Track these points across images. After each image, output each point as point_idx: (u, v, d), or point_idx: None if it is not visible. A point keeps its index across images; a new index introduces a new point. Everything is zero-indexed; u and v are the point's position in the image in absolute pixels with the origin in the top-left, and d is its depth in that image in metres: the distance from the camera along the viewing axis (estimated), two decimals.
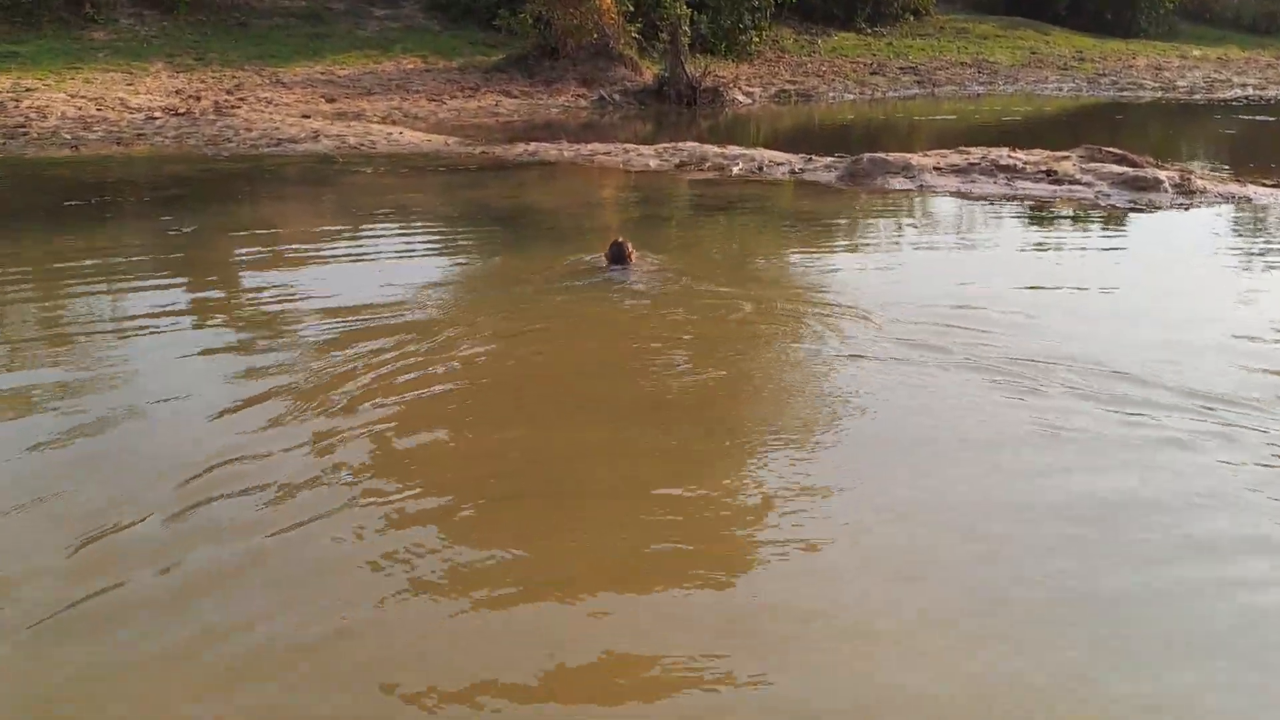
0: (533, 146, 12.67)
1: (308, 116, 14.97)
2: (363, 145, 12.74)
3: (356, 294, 5.79)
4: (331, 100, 16.58)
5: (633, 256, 6.39)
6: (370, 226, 8.03)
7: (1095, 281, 6.13)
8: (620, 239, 6.45)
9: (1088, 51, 27.30)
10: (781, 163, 11.29)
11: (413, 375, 4.49)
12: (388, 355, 4.71)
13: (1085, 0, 29.74)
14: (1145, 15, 30.37)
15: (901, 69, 23.69)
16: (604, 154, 12.14)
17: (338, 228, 7.96)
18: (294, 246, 7.25)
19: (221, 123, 13.97)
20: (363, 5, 22.57)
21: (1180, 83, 23.88)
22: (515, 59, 19.94)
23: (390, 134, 13.52)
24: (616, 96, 18.91)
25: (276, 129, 13.45)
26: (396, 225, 8.09)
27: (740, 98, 19.82)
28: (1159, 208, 8.71)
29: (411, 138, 13.42)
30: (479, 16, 22.15)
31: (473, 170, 11.17)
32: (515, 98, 18.33)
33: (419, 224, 8.25)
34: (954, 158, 10.58)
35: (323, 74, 18.31)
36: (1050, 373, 4.46)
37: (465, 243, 7.49)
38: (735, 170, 11.09)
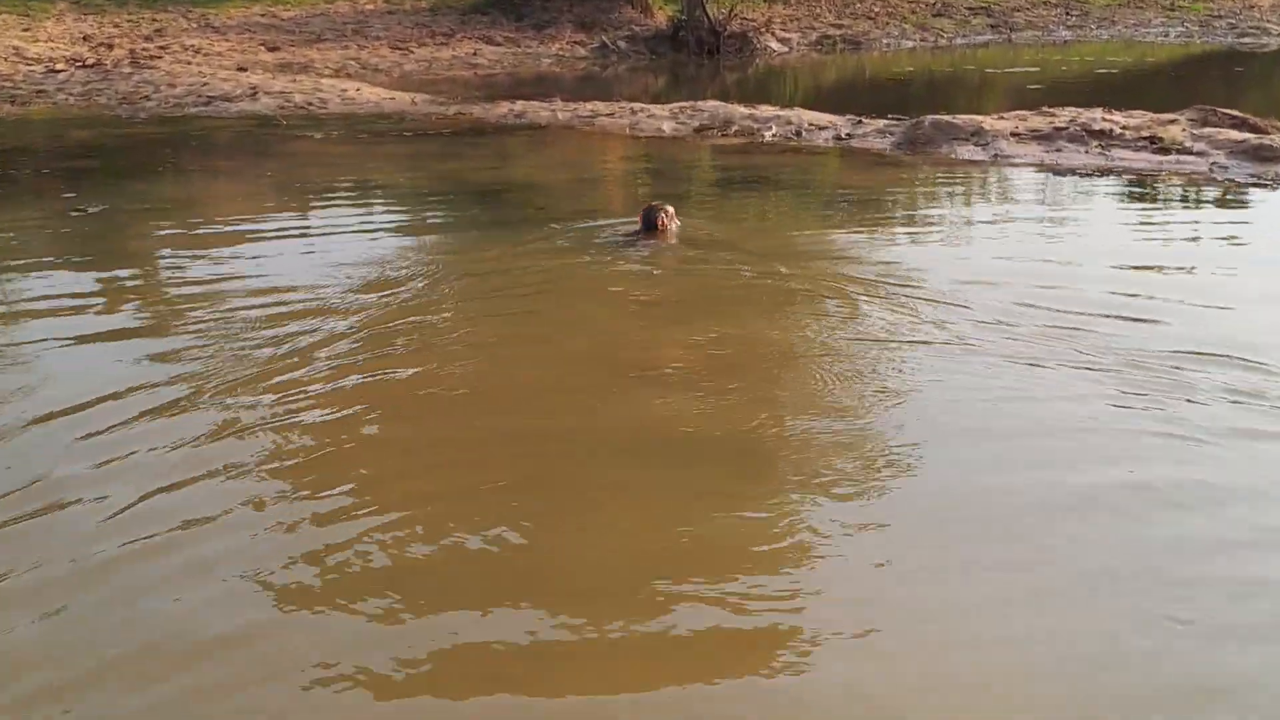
0: (519, 106, 12.67)
1: (244, 69, 15.01)
2: (311, 104, 12.75)
3: (297, 289, 5.75)
4: (274, 49, 16.62)
5: (667, 228, 6.76)
6: (319, 207, 8.01)
7: (1214, 273, 6.07)
8: (656, 203, 6.88)
9: None
10: (825, 126, 11.26)
11: (362, 390, 4.45)
12: (333, 362, 4.66)
13: None
14: None
15: (971, 9, 23.63)
16: (606, 115, 12.13)
17: (278, 208, 7.95)
18: (223, 231, 7.23)
19: (139, 77, 14.01)
20: None
21: None
22: None
23: (345, 90, 13.53)
24: (622, 44, 18.92)
25: (206, 84, 13.48)
26: (351, 206, 8.08)
27: (774, 45, 19.82)
28: None
29: (371, 95, 13.43)
30: None
31: (445, 135, 11.17)
32: (499, 45, 18.37)
33: (379, 204, 8.23)
34: (1036, 121, 10.52)
35: (263, 16, 18.39)
36: (1196, 381, 4.39)
37: (435, 227, 7.46)
38: (768, 135, 11.06)
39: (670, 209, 6.90)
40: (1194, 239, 7.12)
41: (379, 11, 19.33)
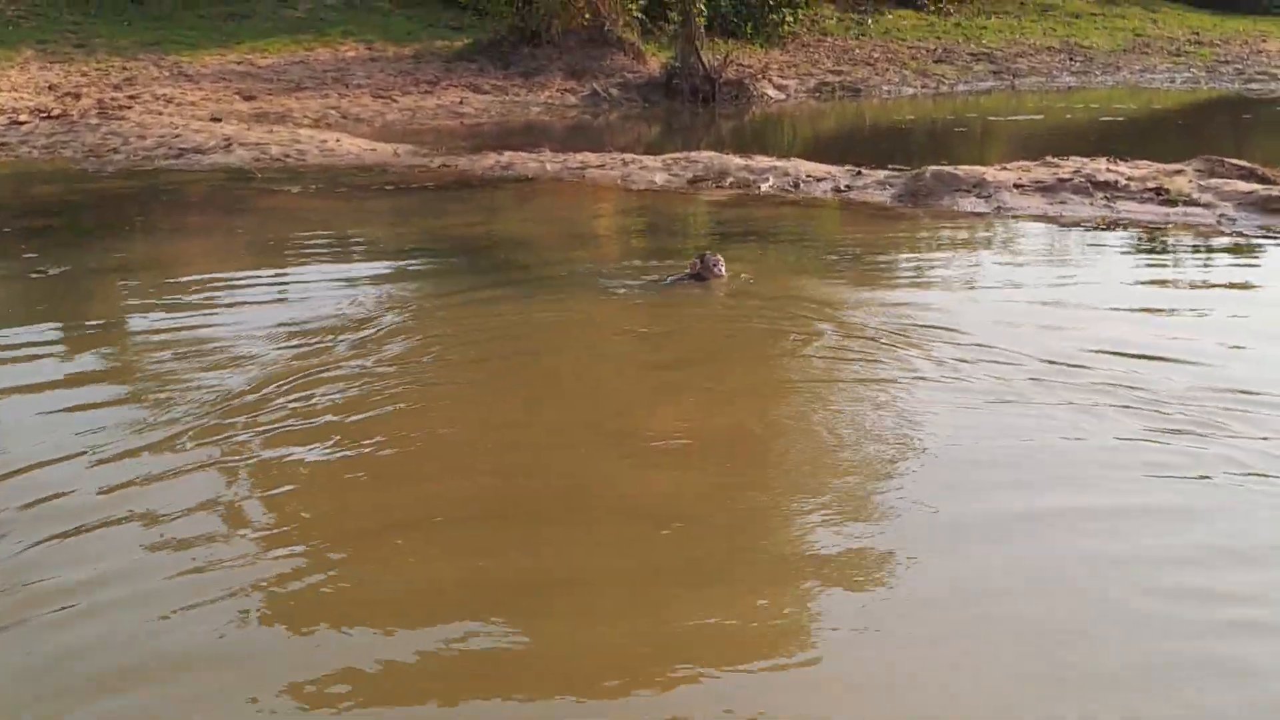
0: (506, 157, 12.71)
1: (218, 119, 15.07)
2: (288, 156, 12.78)
3: (270, 352, 5.71)
4: (250, 98, 16.71)
5: (719, 274, 7.27)
6: (294, 266, 7.99)
7: (1221, 326, 6.05)
8: (708, 251, 7.49)
9: (1205, 33, 27.55)
10: (823, 178, 11.30)
11: (334, 458, 4.39)
12: (306, 425, 4.61)
13: None
14: None
15: (973, 55, 23.89)
16: (597, 167, 12.16)
17: (251, 268, 7.90)
18: (191, 294, 7.17)
19: (107, 128, 14.05)
20: None
21: None
22: (486, 45, 20.15)
23: (324, 141, 13.58)
24: (614, 92, 19.06)
25: (177, 136, 13.52)
26: (328, 265, 8.04)
27: (771, 92, 19.98)
28: None
29: (351, 146, 13.48)
30: None
31: (429, 189, 11.19)
32: (486, 93, 18.49)
33: (358, 263, 8.20)
34: (1039, 172, 10.57)
35: (239, 64, 18.49)
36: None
37: (417, 286, 7.41)
38: (764, 187, 11.09)
39: (720, 257, 7.40)
40: (1202, 293, 7.11)
41: (361, 59, 19.46)
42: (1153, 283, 7.40)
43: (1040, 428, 4.77)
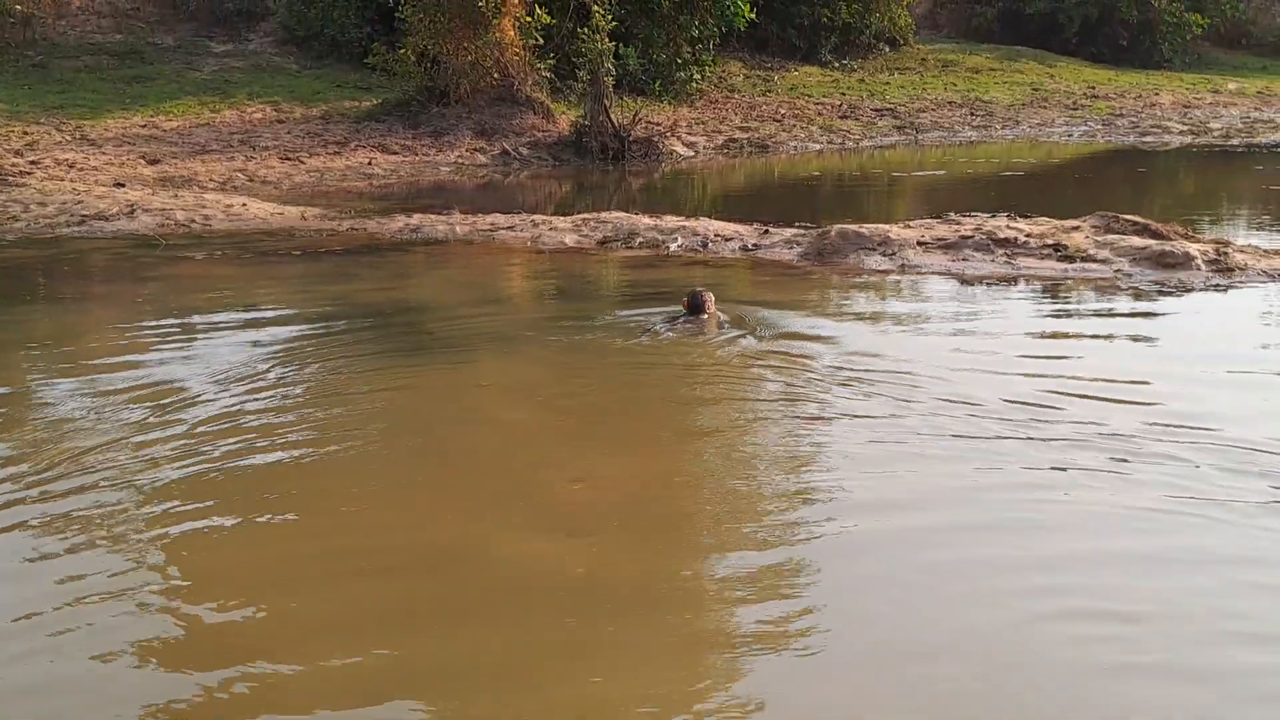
0: (416, 219, 12.75)
1: (122, 184, 14.92)
2: (194, 222, 12.70)
3: (172, 424, 5.70)
4: (154, 162, 16.57)
5: (712, 312, 7.93)
6: (201, 335, 7.93)
7: (1115, 372, 6.30)
8: (701, 289, 8.09)
9: (1101, 86, 28.57)
10: (731, 237, 11.51)
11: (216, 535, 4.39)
12: (200, 503, 4.62)
13: (1097, 25, 31.23)
14: (1169, 42, 31.99)
15: (877, 111, 24.50)
16: (507, 229, 12.26)
17: (157, 338, 7.84)
18: (97, 366, 7.11)
19: (5, 195, 13.84)
20: (198, 39, 22.82)
21: (1214, 124, 25.03)
22: (395, 105, 20.21)
23: (230, 206, 13.51)
24: (524, 151, 19.22)
25: (80, 202, 13.36)
26: (233, 332, 7.99)
27: (680, 149, 20.28)
28: (1190, 289, 9.02)
29: (258, 210, 13.43)
30: (348, 52, 22.51)
31: (338, 253, 11.18)
32: (395, 153, 18.53)
33: (264, 331, 8.15)
34: (942, 230, 10.88)
35: (144, 127, 18.34)
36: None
37: (324, 355, 7.41)
38: (673, 247, 11.27)
39: (711, 295, 8.06)
40: (1100, 343, 7.40)
41: (268, 121, 19.40)
42: (1049, 335, 7.68)
43: (948, 470, 5.00)
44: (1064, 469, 5.14)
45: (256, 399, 6.31)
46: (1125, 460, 5.20)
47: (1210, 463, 5.14)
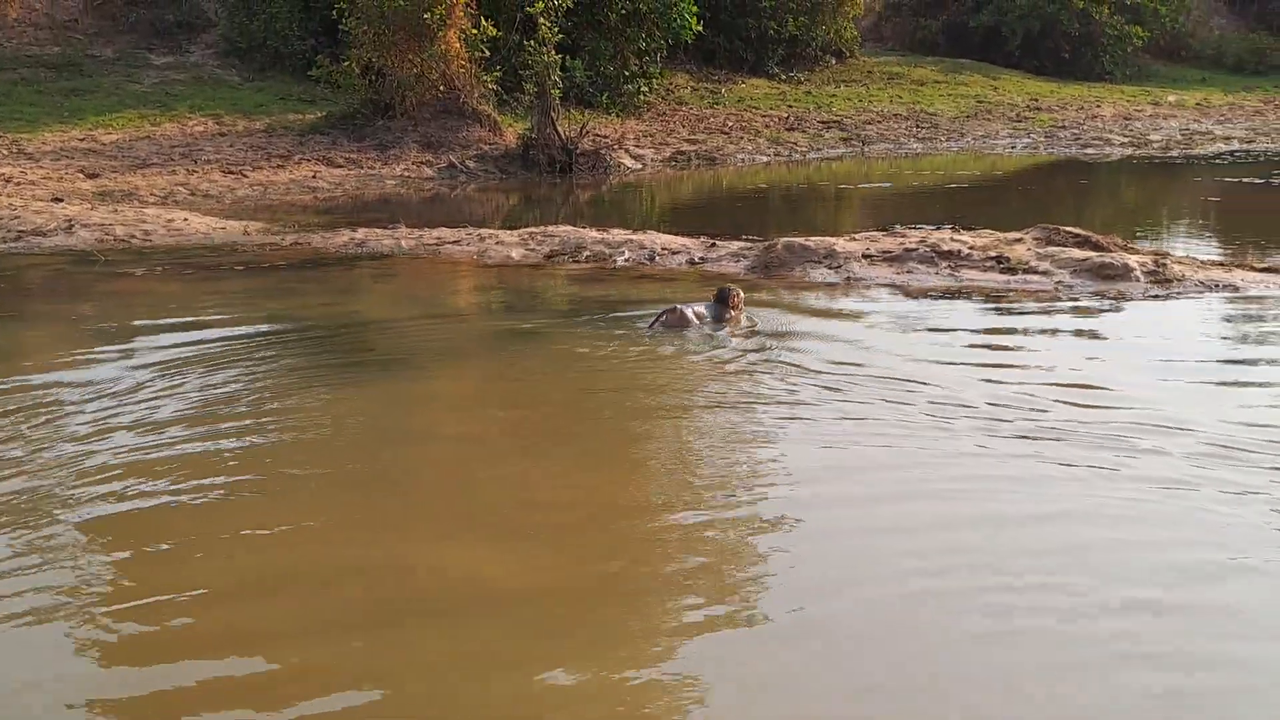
0: (361, 234, 12.70)
1: (60, 199, 14.73)
2: (134, 237, 12.58)
3: (113, 441, 5.65)
4: (94, 176, 16.38)
5: (739, 307, 8.45)
6: (141, 353, 7.84)
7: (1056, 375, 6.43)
8: (730, 286, 8.61)
9: (1044, 99, 29.00)
10: (678, 250, 11.57)
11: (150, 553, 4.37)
12: (135, 526, 4.59)
13: (1040, 38, 31.71)
14: (1110, 55, 32.53)
15: (824, 123, 24.72)
16: (453, 243, 12.25)
17: (96, 357, 7.76)
18: (34, 385, 7.02)
19: None
20: (138, 51, 22.59)
21: (1153, 136, 25.49)
22: (339, 118, 20.13)
23: (171, 221, 13.39)
24: (470, 164, 19.19)
25: (16, 217, 13.18)
26: (173, 350, 7.90)
27: (627, 162, 20.34)
28: (1129, 300, 9.21)
29: (199, 225, 13.32)
30: (291, 65, 22.39)
31: (281, 269, 11.11)
32: (340, 167, 18.44)
33: (205, 348, 8.07)
34: (886, 242, 11.00)
35: (82, 140, 18.13)
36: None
37: (266, 373, 7.38)
38: (620, 261, 11.31)
39: (740, 293, 8.58)
40: (1038, 352, 7.54)
41: (209, 134, 19.24)
42: (987, 346, 7.80)
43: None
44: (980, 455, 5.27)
45: (197, 415, 6.27)
46: (1027, 439, 5.32)
47: (1097, 440, 5.70)
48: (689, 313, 8.19)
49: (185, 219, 13.57)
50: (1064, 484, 5.27)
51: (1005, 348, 7.85)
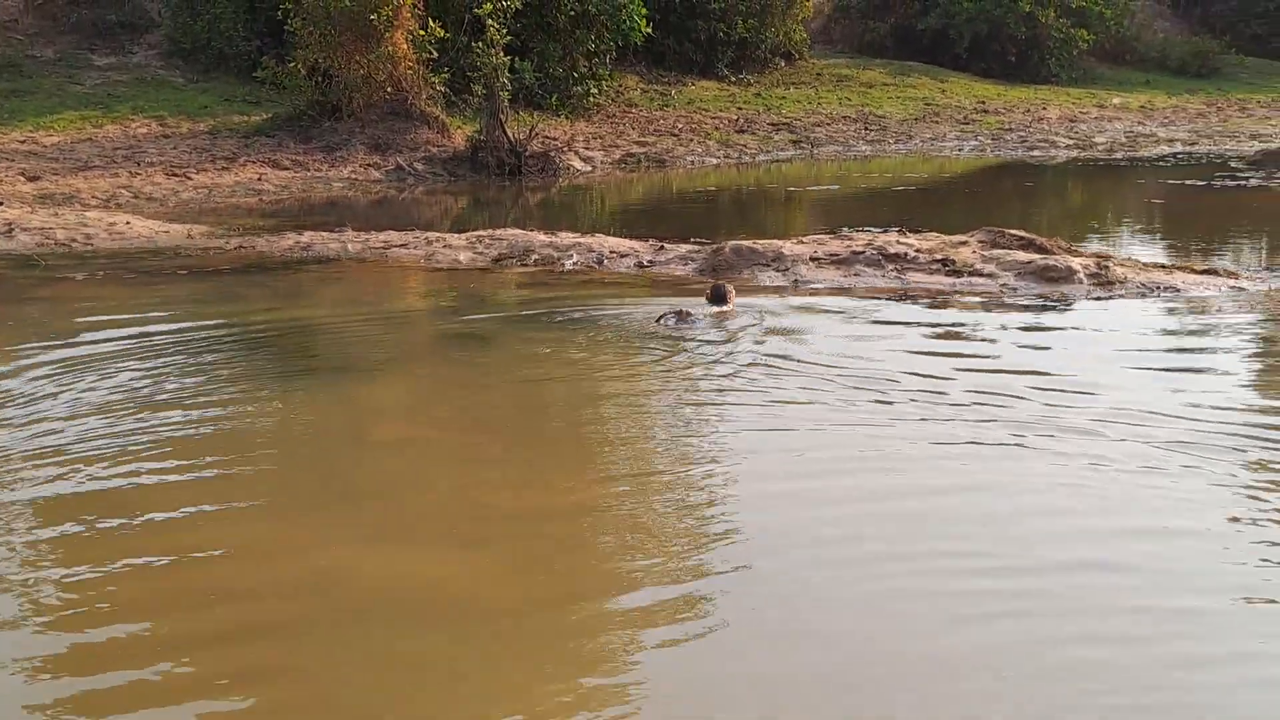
0: (307, 237, 12.61)
1: (0, 202, 14.52)
2: (75, 241, 12.43)
3: (53, 451, 5.59)
4: (34, 178, 16.16)
5: (732, 301, 9.05)
6: (81, 360, 7.75)
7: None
8: (723, 281, 9.42)
9: (991, 101, 29.33)
10: (626, 253, 11.59)
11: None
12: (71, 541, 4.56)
13: (987, 41, 32.05)
14: (1056, 58, 32.94)
15: (774, 125, 24.85)
16: (400, 246, 12.20)
17: (34, 364, 7.65)
18: None
19: None
20: (80, 52, 22.30)
21: (1098, 139, 25.85)
22: (285, 120, 19.97)
23: (113, 224, 13.24)
24: (419, 166, 19.11)
25: None
26: (114, 360, 7.81)
27: (577, 164, 20.34)
28: (1072, 302, 9.35)
29: (142, 228, 13.18)
30: (236, 66, 22.18)
31: (225, 273, 11.02)
32: (286, 169, 18.30)
33: (146, 356, 7.99)
34: (834, 245, 11.09)
35: (23, 143, 17.88)
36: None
37: (209, 378, 7.32)
38: (569, 264, 11.31)
39: (733, 289, 9.24)
40: (978, 346, 7.66)
41: (153, 136, 19.02)
42: (931, 341, 7.89)
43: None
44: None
45: (137, 422, 6.21)
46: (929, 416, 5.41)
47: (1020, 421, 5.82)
48: (694, 313, 8.62)
49: (128, 222, 13.42)
50: (992, 460, 5.72)
51: (948, 343, 7.95)
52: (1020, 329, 8.52)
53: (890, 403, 6.50)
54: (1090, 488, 5.31)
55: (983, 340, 8.17)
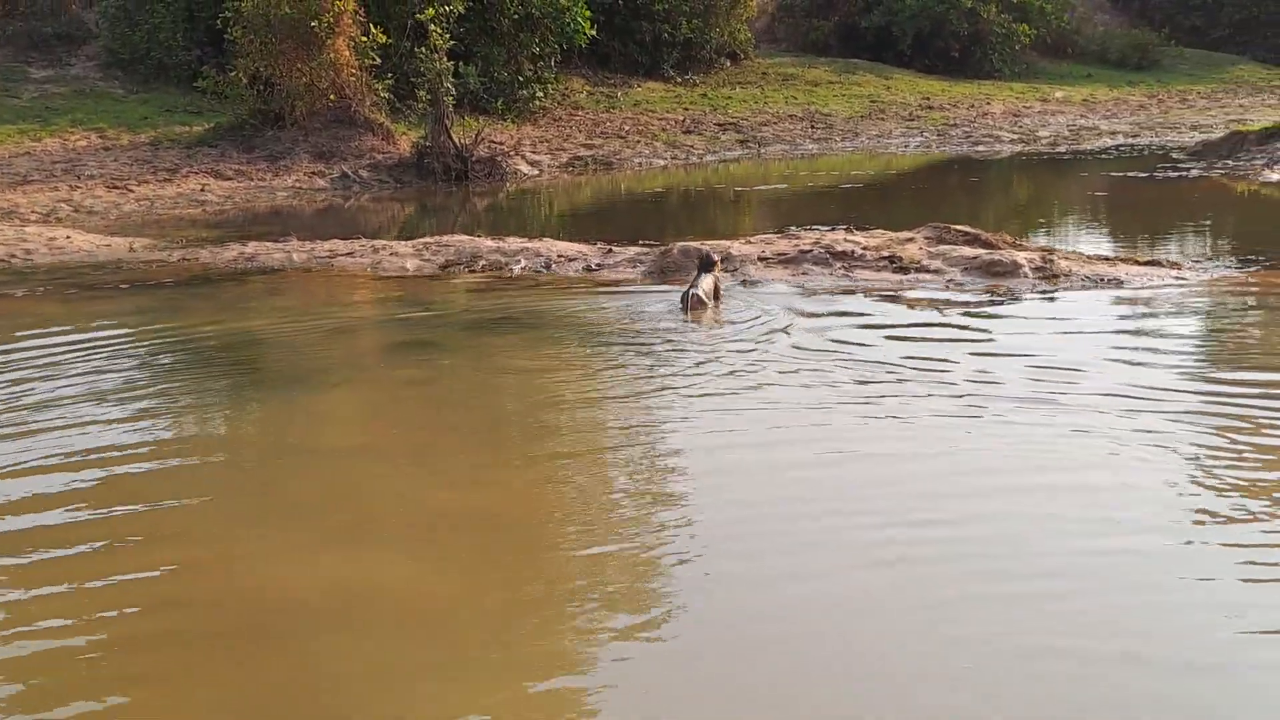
0: (251, 248, 12.50)
1: None
2: (14, 257, 12.26)
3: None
4: None
5: (717, 270, 9.45)
6: (19, 374, 7.64)
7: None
8: (706, 249, 10.17)
9: (936, 97, 29.60)
10: (574, 257, 11.58)
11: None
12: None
13: (930, 37, 32.33)
14: (999, 53, 33.28)
15: (720, 125, 24.94)
16: (346, 255, 12.12)
17: None
18: None
19: None
20: (15, 65, 22.03)
21: (1042, 132, 26.15)
22: (228, 129, 19.82)
23: (53, 239, 13.07)
24: (364, 173, 19.02)
25: None
26: (53, 379, 7.70)
27: (524, 168, 20.32)
28: (1018, 296, 9.45)
29: (83, 243, 13.01)
30: (177, 76, 22.00)
31: (168, 286, 10.91)
32: (229, 179, 18.16)
33: (88, 373, 7.89)
34: (782, 244, 11.15)
35: None
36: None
37: (153, 393, 7.24)
38: (517, 270, 11.29)
39: (718, 256, 9.87)
40: (923, 336, 7.72)
41: (93, 149, 18.80)
42: (875, 346, 7.96)
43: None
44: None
45: (78, 436, 6.14)
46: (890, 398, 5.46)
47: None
48: (699, 293, 9.00)
49: (68, 237, 13.25)
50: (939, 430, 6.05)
51: (897, 343, 8.01)
52: (964, 324, 8.60)
53: (830, 407, 6.55)
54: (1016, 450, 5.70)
55: (930, 340, 8.22)
